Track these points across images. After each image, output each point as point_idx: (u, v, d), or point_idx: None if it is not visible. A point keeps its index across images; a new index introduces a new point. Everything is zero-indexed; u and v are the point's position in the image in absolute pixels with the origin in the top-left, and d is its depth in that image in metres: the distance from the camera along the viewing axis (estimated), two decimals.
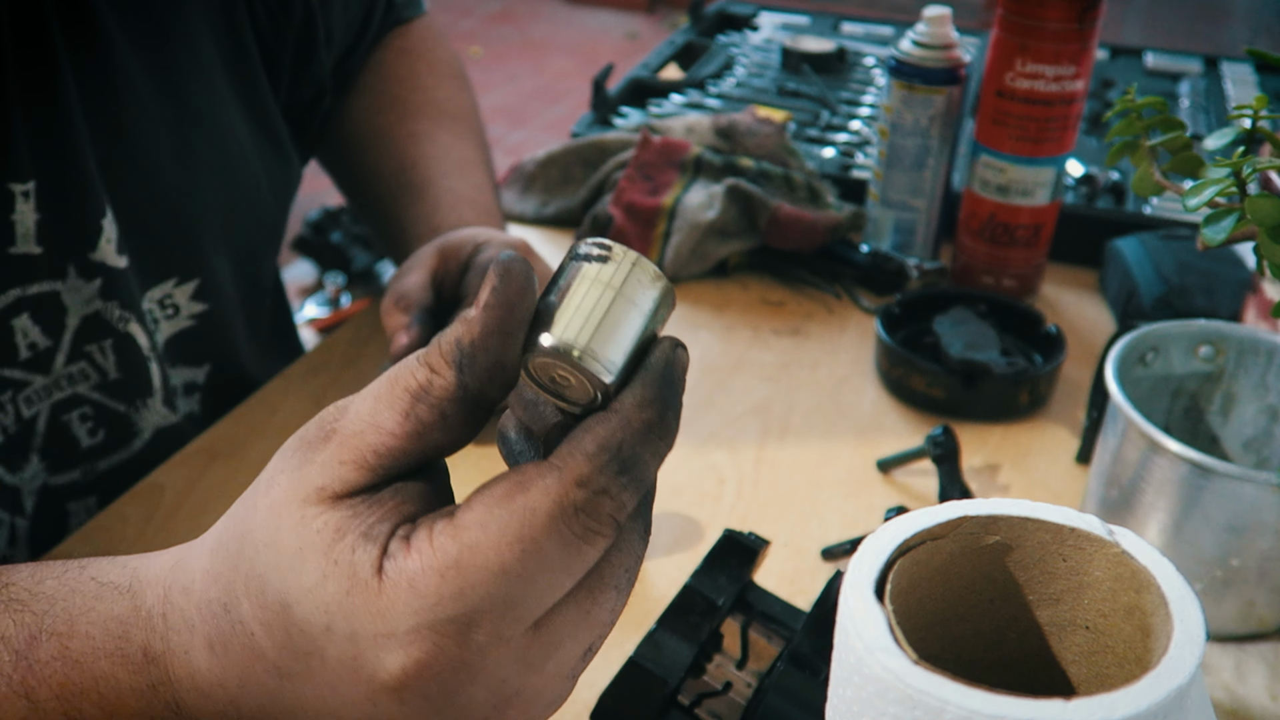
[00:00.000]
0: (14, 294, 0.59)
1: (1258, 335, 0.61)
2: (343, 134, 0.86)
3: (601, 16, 4.54)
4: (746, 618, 0.47)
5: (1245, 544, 0.55)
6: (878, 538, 0.34)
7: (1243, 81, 1.24)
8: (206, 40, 0.67)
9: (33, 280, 0.59)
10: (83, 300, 0.62)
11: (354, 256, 2.47)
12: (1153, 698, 0.28)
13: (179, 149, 0.66)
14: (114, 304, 0.63)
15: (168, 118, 0.65)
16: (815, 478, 0.70)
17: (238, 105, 0.71)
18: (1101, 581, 0.34)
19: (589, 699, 0.53)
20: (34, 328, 0.60)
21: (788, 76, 1.20)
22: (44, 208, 0.59)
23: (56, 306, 0.61)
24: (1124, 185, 1.00)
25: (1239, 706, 0.55)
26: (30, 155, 0.57)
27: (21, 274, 0.59)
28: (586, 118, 1.09)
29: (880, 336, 0.78)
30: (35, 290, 0.60)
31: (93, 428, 0.65)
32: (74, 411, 0.63)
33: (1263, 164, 0.49)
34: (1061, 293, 0.91)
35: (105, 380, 0.64)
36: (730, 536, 0.50)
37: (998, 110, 0.82)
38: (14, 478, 0.61)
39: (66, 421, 0.63)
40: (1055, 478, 0.71)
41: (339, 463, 0.33)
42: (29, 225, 0.58)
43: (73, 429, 0.64)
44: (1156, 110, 0.56)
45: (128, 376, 0.65)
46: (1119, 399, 0.56)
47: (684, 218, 0.89)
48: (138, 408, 0.67)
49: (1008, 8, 0.79)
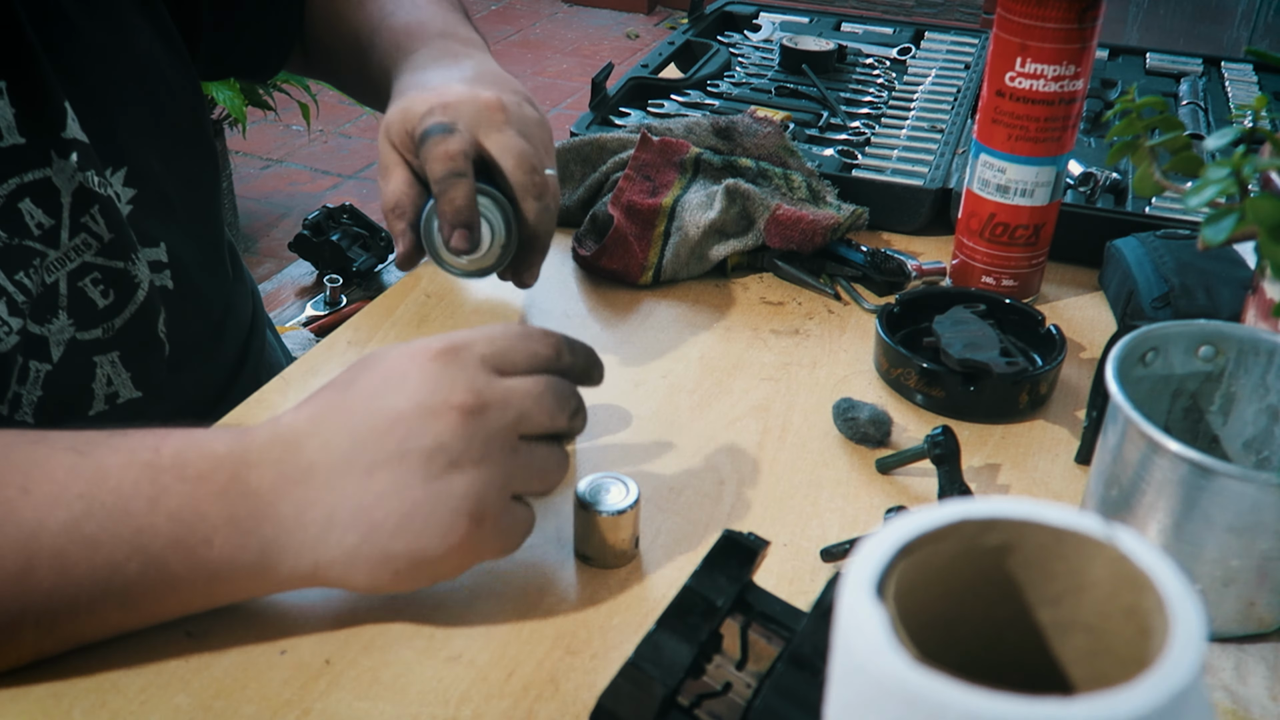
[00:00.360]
0: (14, 182, 0.69)
1: (1258, 335, 0.61)
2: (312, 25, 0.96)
3: (601, 16, 4.54)
4: (746, 618, 0.47)
5: (1245, 544, 0.55)
6: (877, 538, 0.34)
7: (1243, 81, 1.24)
8: None
9: (26, 169, 0.69)
10: (67, 177, 0.71)
11: (354, 256, 2.46)
12: (1153, 698, 0.28)
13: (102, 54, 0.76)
14: (91, 172, 0.73)
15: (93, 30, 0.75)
16: (815, 478, 0.70)
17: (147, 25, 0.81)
18: (1102, 582, 0.34)
19: (588, 700, 0.53)
20: (37, 209, 0.70)
21: (788, 76, 1.20)
22: (17, 102, 0.69)
23: (50, 190, 0.71)
24: (1124, 185, 1.00)
25: (1239, 706, 0.55)
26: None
27: (14, 163, 0.69)
28: (586, 117, 1.08)
29: (880, 336, 0.78)
30: (30, 178, 0.70)
31: (104, 289, 0.74)
32: (86, 278, 0.73)
33: (1263, 164, 0.49)
34: (1061, 293, 0.91)
35: (103, 244, 0.74)
36: (730, 537, 0.50)
37: (997, 110, 0.82)
38: (41, 329, 0.71)
39: (82, 287, 0.73)
40: (1055, 478, 0.70)
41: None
42: (9, 119, 0.68)
43: (88, 293, 0.73)
44: (1156, 110, 0.56)
45: (117, 235, 0.74)
46: (1119, 399, 0.56)
47: (683, 218, 0.89)
48: (131, 262, 0.76)
49: (1007, 7, 0.79)
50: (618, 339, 0.84)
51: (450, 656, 0.56)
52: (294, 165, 3.28)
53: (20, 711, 0.52)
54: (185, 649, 0.56)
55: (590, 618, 0.59)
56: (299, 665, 0.55)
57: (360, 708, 0.53)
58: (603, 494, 0.61)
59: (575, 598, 0.60)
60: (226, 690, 0.54)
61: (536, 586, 0.61)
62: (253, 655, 0.56)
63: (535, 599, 0.60)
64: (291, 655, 0.56)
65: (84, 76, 0.74)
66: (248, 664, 0.55)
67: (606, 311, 0.87)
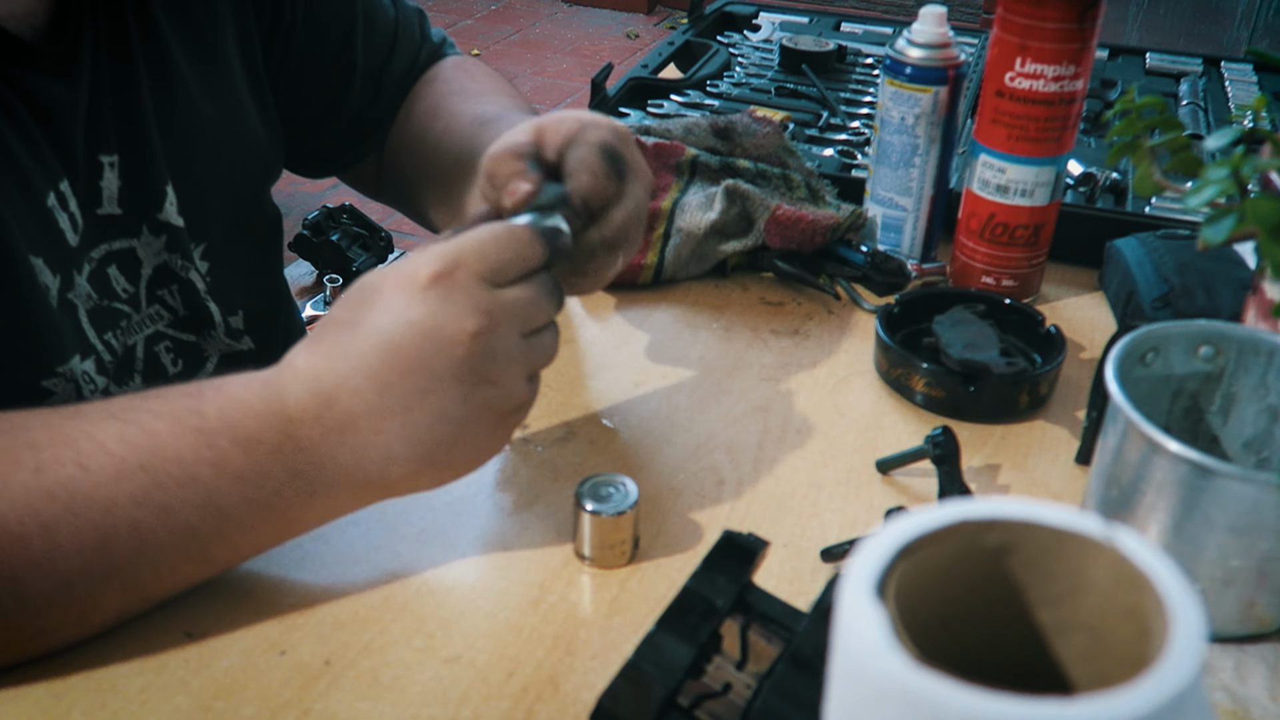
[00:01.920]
0: (104, 248, 0.73)
1: (1258, 335, 0.61)
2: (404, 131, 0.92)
3: (601, 16, 4.54)
4: (746, 619, 0.47)
5: (1245, 544, 0.55)
6: (877, 538, 0.34)
7: (1243, 81, 1.24)
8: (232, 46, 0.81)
9: (117, 238, 0.73)
10: (153, 254, 0.76)
11: (354, 256, 2.46)
12: (1153, 699, 0.28)
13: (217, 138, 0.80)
14: (176, 255, 0.77)
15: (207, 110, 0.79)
16: (815, 478, 0.70)
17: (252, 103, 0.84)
18: (1102, 582, 0.34)
19: (588, 700, 0.53)
20: (120, 277, 0.74)
21: (787, 76, 1.20)
22: (124, 176, 0.73)
23: (134, 259, 0.75)
24: (1124, 185, 1.00)
25: (1239, 707, 0.55)
26: (115, 133, 0.72)
27: (109, 232, 0.73)
28: None
29: (880, 336, 0.78)
30: (119, 246, 0.74)
31: (174, 358, 0.79)
32: (160, 345, 0.78)
33: (1263, 164, 0.49)
34: (1061, 293, 0.91)
35: (177, 318, 0.78)
36: (729, 537, 0.50)
37: (997, 110, 0.82)
38: (119, 390, 0.74)
39: (156, 352, 0.77)
40: (1055, 478, 0.70)
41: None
42: (113, 190, 0.72)
43: (160, 358, 0.78)
44: (1156, 110, 0.56)
45: (191, 313, 0.79)
46: (1119, 399, 0.56)
47: (683, 219, 0.89)
48: (205, 337, 0.81)
49: (1008, 7, 0.79)
50: (618, 339, 0.84)
51: (450, 656, 0.56)
52: None
53: (20, 711, 0.52)
54: (185, 649, 0.56)
55: (590, 618, 0.59)
56: (299, 666, 0.55)
57: (360, 708, 0.53)
58: (603, 494, 0.61)
59: (575, 598, 0.60)
60: (226, 690, 0.54)
61: (536, 586, 0.61)
62: (253, 655, 0.56)
63: (535, 599, 0.60)
64: (291, 656, 0.56)
65: (194, 160, 0.78)
66: (248, 664, 0.55)
67: (607, 311, 0.87)
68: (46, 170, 0.67)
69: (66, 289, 0.69)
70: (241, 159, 0.83)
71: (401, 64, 0.93)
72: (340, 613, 0.59)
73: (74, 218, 0.69)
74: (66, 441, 0.53)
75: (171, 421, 0.54)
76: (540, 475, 0.69)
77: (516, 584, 0.61)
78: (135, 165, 0.73)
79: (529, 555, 0.63)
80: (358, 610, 0.59)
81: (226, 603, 0.59)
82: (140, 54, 0.73)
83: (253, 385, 0.56)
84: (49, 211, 0.67)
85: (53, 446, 0.53)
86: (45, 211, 0.67)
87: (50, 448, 0.53)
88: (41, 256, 0.66)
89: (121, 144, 0.72)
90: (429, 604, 0.59)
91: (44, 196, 0.67)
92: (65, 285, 0.69)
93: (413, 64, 0.94)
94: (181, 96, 0.76)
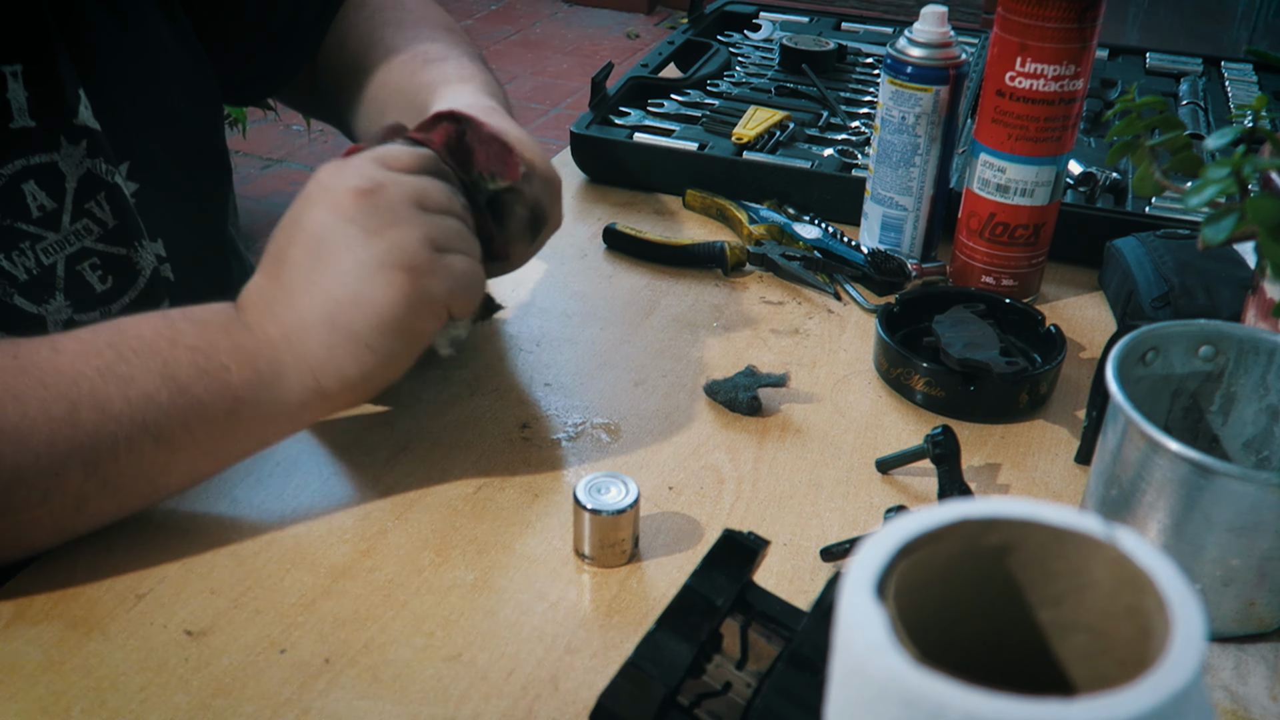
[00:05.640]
0: (20, 163, 0.71)
1: (1258, 335, 0.61)
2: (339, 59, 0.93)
3: (601, 16, 4.54)
4: (746, 618, 0.47)
5: (1245, 544, 0.55)
6: (877, 538, 0.34)
7: (1242, 81, 1.24)
8: None
9: (34, 151, 0.71)
10: (75, 162, 0.74)
11: None
12: (1153, 699, 0.28)
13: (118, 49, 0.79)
14: (100, 159, 0.75)
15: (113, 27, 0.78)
16: (815, 478, 0.70)
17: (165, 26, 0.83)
18: (1102, 582, 0.34)
19: (588, 700, 0.53)
20: (40, 192, 0.72)
21: (787, 76, 1.20)
22: (30, 85, 0.71)
23: (55, 174, 0.73)
24: (1124, 185, 1.00)
25: (1239, 706, 0.55)
26: (14, 42, 0.70)
27: (22, 145, 0.71)
28: (585, 117, 1.08)
29: (880, 336, 0.78)
30: (36, 160, 0.72)
31: (102, 275, 0.76)
32: (85, 262, 0.75)
33: (1263, 163, 0.49)
34: (1061, 293, 0.91)
35: (106, 230, 0.76)
36: (730, 536, 0.50)
37: (997, 110, 0.82)
38: (38, 308, 0.73)
39: (80, 271, 0.75)
40: (1055, 478, 0.70)
41: None
42: (22, 102, 0.70)
43: (86, 277, 0.75)
44: (1156, 110, 0.56)
45: (122, 221, 0.77)
46: (1119, 399, 0.56)
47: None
48: (135, 249, 0.78)
49: (1007, 7, 0.79)
50: (618, 339, 0.84)
51: (450, 656, 0.56)
52: (294, 165, 3.28)
53: (20, 711, 0.52)
54: (185, 649, 0.56)
55: (590, 617, 0.59)
56: (299, 665, 0.55)
57: (360, 707, 0.53)
58: (602, 494, 0.61)
59: (575, 597, 0.60)
60: (226, 688, 0.54)
61: (536, 586, 0.61)
62: (253, 654, 0.56)
63: (535, 598, 0.60)
64: (291, 654, 0.56)
65: (100, 69, 0.77)
66: (247, 663, 0.55)
67: (607, 311, 0.87)
68: None
69: None
70: (157, 76, 0.82)
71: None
72: (340, 611, 0.59)
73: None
74: (43, 339, 0.59)
75: (138, 317, 0.61)
76: (540, 474, 0.69)
77: (516, 583, 0.61)
78: (40, 73, 0.72)
79: (529, 554, 0.63)
80: (358, 609, 0.59)
81: (226, 602, 0.59)
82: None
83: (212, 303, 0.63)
84: None
85: (33, 342, 0.59)
86: None
87: (30, 342, 0.59)
88: None
89: (23, 54, 0.71)
90: (429, 603, 0.59)
91: None
92: None
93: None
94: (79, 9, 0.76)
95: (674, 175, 1.04)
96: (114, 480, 0.58)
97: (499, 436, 0.72)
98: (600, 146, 1.05)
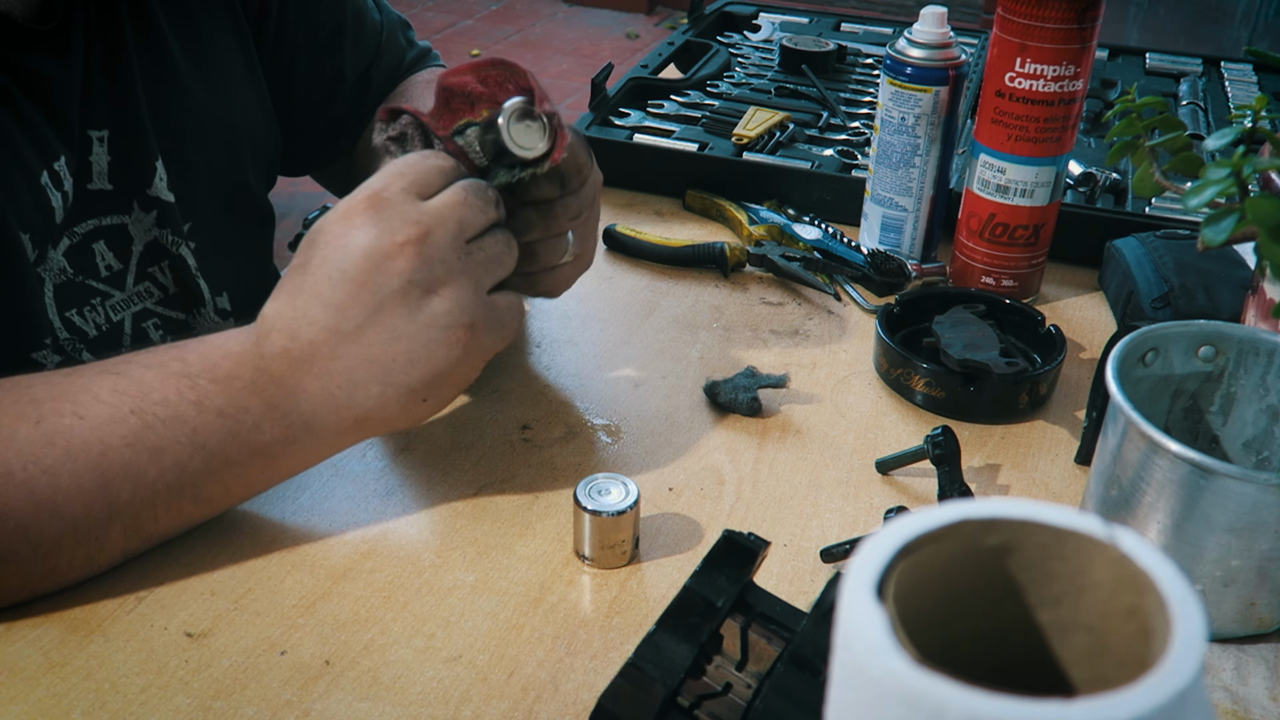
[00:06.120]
0: (92, 223, 0.74)
1: (1258, 335, 0.61)
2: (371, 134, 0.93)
3: (601, 16, 4.54)
4: (746, 619, 0.47)
5: (1245, 544, 0.55)
6: (877, 538, 0.34)
7: (1242, 81, 1.24)
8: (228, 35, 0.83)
9: (106, 213, 0.75)
10: (144, 230, 0.78)
11: None
12: (1154, 699, 0.28)
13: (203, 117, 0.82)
14: (167, 230, 0.79)
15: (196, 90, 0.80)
16: (815, 478, 0.70)
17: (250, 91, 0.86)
18: (1102, 583, 0.34)
19: (588, 700, 0.53)
20: (109, 253, 0.76)
21: (787, 76, 1.20)
22: (113, 151, 0.74)
23: (124, 236, 0.77)
24: (1124, 185, 1.00)
25: (1239, 707, 0.55)
26: (105, 109, 0.74)
27: (98, 207, 0.74)
28: (586, 117, 1.08)
29: (880, 336, 0.78)
30: (109, 222, 0.75)
31: (163, 335, 0.80)
32: (148, 321, 0.79)
33: (1263, 164, 0.49)
34: (1061, 293, 0.91)
35: (167, 295, 0.80)
36: (730, 537, 0.50)
37: (997, 110, 0.82)
38: None
39: (145, 329, 0.79)
40: (1055, 478, 0.70)
41: None
42: (103, 166, 0.74)
43: (150, 335, 0.79)
44: (1156, 110, 0.56)
45: (182, 290, 0.81)
46: (1119, 399, 0.56)
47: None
48: (194, 316, 0.82)
49: (1007, 7, 0.79)
50: (618, 339, 0.84)
51: (450, 656, 0.56)
52: None
53: (20, 712, 0.52)
54: (185, 649, 0.56)
55: (590, 618, 0.59)
56: (299, 666, 0.55)
57: (360, 709, 0.53)
58: (602, 494, 0.61)
59: (575, 598, 0.60)
60: (226, 690, 0.54)
61: (536, 586, 0.61)
62: (253, 655, 0.56)
63: (535, 599, 0.60)
64: (291, 656, 0.56)
65: (183, 139, 0.79)
66: (248, 664, 0.55)
67: (607, 312, 0.87)
68: (41, 148, 0.69)
69: (39, 264, 0.70)
70: (230, 140, 0.84)
71: (386, 69, 0.95)
72: (340, 613, 0.59)
73: (66, 195, 0.71)
74: (65, 395, 0.57)
75: (159, 370, 0.59)
76: (540, 475, 0.69)
77: (516, 584, 0.61)
78: (124, 141, 0.75)
79: (529, 555, 0.63)
80: (358, 610, 0.59)
81: (226, 603, 0.59)
82: (130, 33, 0.75)
83: (231, 334, 0.61)
84: (42, 189, 0.69)
85: (52, 400, 0.57)
86: (39, 189, 0.69)
87: (50, 401, 0.57)
88: (28, 233, 0.68)
89: (111, 119, 0.74)
90: (429, 604, 0.59)
91: (38, 174, 0.69)
92: (38, 260, 0.70)
93: (396, 69, 0.96)
94: (169, 74, 0.78)
95: (674, 176, 1.04)
96: (155, 534, 0.60)
97: (499, 438, 0.72)
98: (600, 147, 1.05)
